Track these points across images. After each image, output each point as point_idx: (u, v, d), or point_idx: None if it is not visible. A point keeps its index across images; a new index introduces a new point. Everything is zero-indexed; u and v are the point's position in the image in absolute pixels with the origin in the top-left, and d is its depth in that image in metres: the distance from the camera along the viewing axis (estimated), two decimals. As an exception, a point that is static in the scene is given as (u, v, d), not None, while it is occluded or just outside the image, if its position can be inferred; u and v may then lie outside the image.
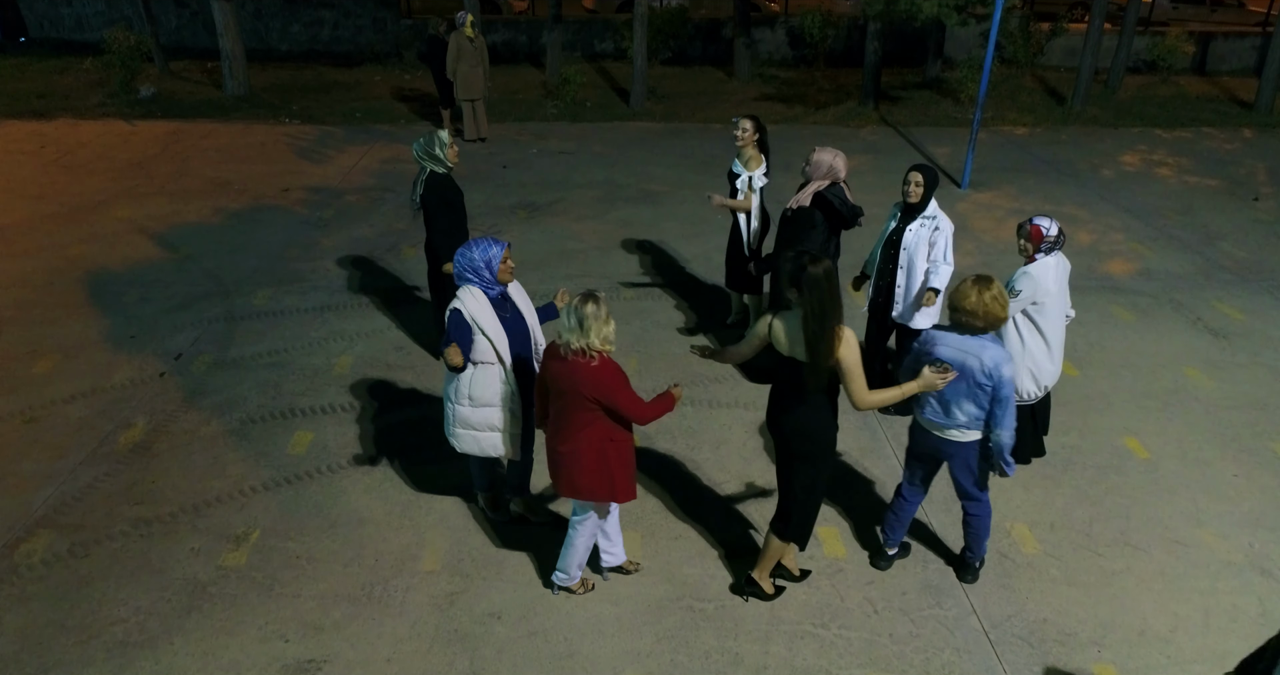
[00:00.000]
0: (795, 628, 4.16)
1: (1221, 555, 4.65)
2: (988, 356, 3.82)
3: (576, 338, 3.60)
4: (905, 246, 5.28)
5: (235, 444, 5.46)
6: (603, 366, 3.63)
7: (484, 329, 4.09)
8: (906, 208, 5.31)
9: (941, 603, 4.31)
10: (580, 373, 3.63)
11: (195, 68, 16.09)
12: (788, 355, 3.75)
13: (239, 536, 4.68)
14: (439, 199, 5.64)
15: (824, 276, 3.54)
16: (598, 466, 3.80)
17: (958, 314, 3.86)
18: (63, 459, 5.29)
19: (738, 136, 6.05)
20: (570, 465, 3.82)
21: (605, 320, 3.61)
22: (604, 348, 3.63)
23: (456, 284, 4.21)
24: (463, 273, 4.15)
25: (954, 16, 11.70)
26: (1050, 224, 4.61)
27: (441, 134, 5.64)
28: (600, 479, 3.82)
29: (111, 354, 6.47)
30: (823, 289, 3.54)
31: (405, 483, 5.12)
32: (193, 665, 3.92)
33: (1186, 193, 10.36)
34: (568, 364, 3.66)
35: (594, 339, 3.59)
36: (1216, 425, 5.78)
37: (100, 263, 8.00)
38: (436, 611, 4.22)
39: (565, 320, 3.61)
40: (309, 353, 6.53)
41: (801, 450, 3.87)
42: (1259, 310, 7.40)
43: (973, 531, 4.33)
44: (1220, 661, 3.99)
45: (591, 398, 3.65)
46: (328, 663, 3.94)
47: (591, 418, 3.72)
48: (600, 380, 3.62)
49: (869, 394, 3.68)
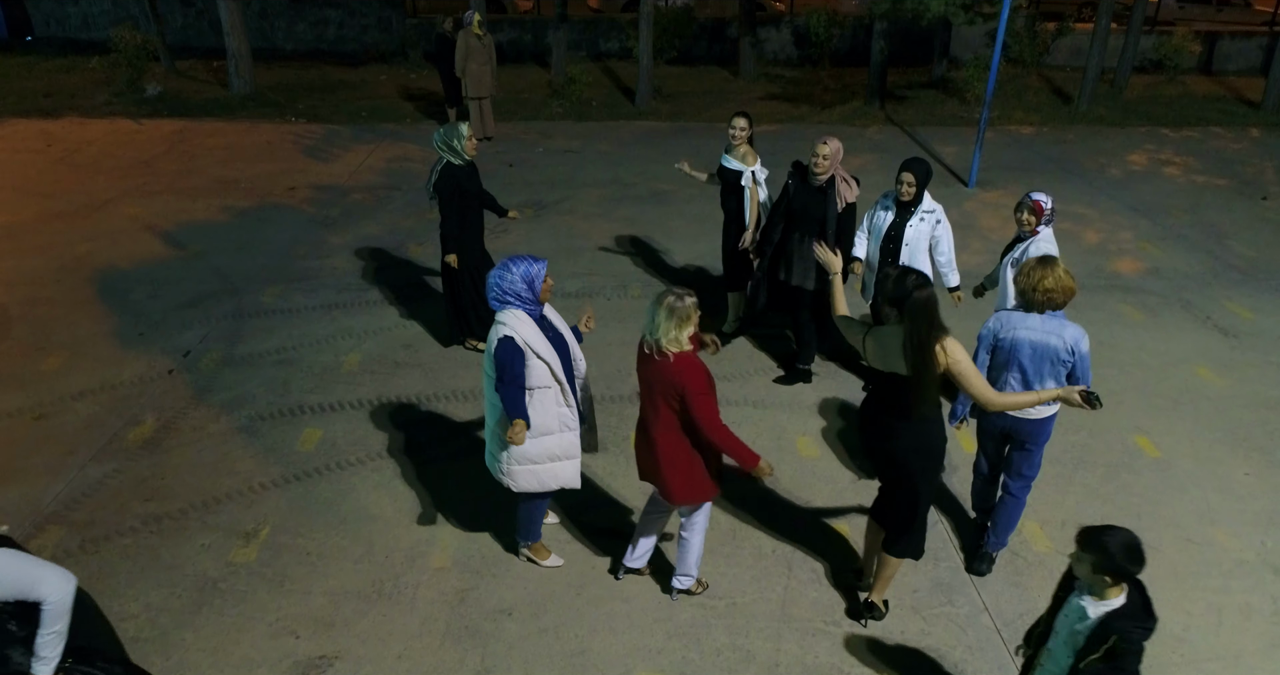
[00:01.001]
0: (807, 625, 4.15)
1: (1234, 553, 4.63)
2: (1069, 334, 3.95)
3: (659, 332, 3.61)
4: (907, 242, 5.28)
5: (244, 441, 5.46)
6: (680, 361, 3.61)
7: (539, 352, 3.83)
8: (901, 203, 5.30)
9: (953, 601, 4.30)
10: (665, 368, 3.63)
11: (201, 67, 16.10)
12: (886, 370, 3.67)
13: (249, 533, 4.68)
14: (451, 189, 5.73)
15: (926, 303, 3.49)
16: (691, 463, 3.78)
17: (1036, 295, 3.95)
18: (72, 455, 5.29)
19: (734, 135, 6.07)
20: (667, 464, 3.78)
21: (688, 317, 3.59)
22: (686, 346, 3.63)
23: (493, 304, 3.91)
24: (503, 295, 3.86)
25: (961, 15, 11.68)
26: (1047, 198, 4.80)
27: (462, 126, 5.75)
28: (697, 478, 3.82)
29: (120, 351, 6.48)
30: (925, 317, 3.49)
31: (415, 479, 5.12)
32: (204, 661, 3.91)
33: (1194, 192, 10.33)
34: (651, 360, 3.67)
35: (675, 335, 3.60)
36: (1228, 424, 5.76)
37: (108, 260, 8.01)
38: (447, 608, 4.21)
39: (650, 316, 3.62)
40: (317, 350, 6.53)
41: (916, 466, 3.76)
42: (1269, 309, 7.38)
43: (1008, 515, 4.38)
44: (1234, 660, 3.98)
45: (675, 391, 3.63)
46: (339, 659, 3.93)
47: (679, 411, 3.69)
48: (683, 375, 3.60)
49: (996, 396, 3.62)
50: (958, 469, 5.24)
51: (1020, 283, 4.02)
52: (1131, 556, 2.69)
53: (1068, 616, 2.87)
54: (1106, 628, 2.72)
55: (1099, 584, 2.74)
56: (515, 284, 3.84)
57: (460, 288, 6.19)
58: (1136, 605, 2.76)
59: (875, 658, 3.97)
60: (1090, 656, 2.75)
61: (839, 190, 5.49)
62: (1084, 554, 2.72)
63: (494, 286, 3.87)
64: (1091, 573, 2.71)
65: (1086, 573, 2.73)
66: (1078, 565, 2.76)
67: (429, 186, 5.89)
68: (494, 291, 3.88)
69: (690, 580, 4.22)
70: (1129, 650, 2.69)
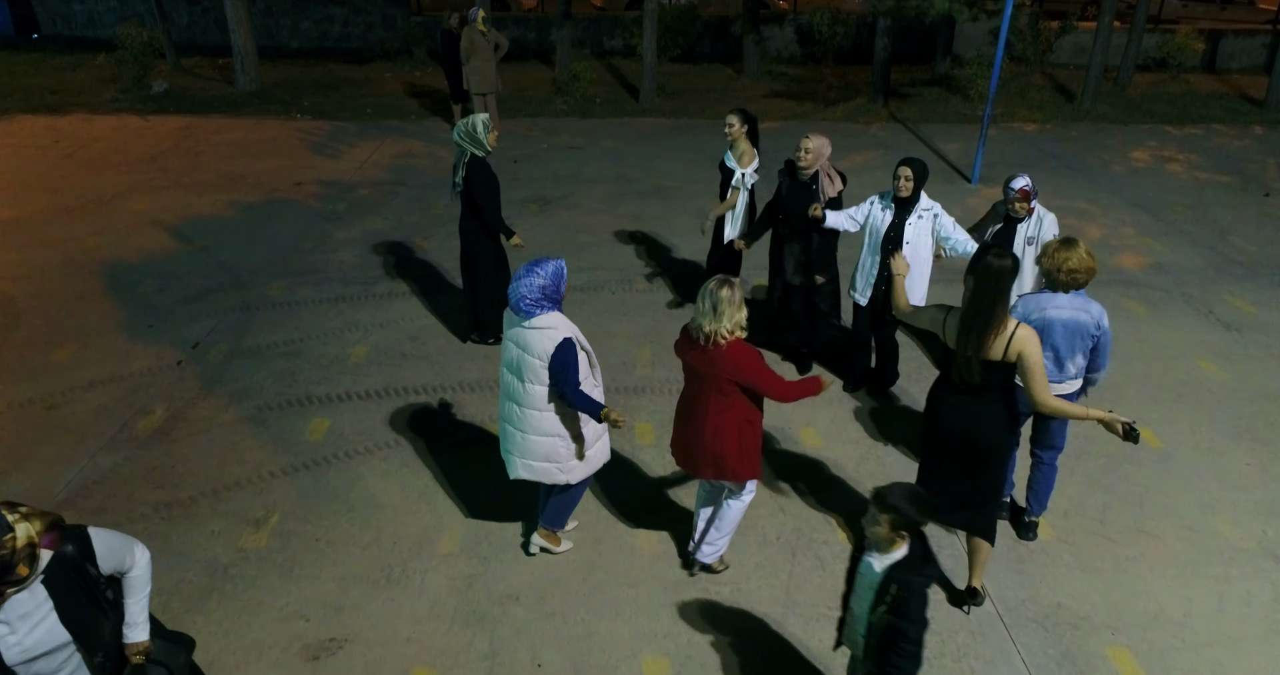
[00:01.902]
0: (810, 610, 4.19)
1: (1235, 542, 4.67)
2: (1094, 309, 4.14)
3: (709, 322, 3.66)
4: (909, 240, 5.32)
5: (253, 430, 5.51)
6: (737, 349, 3.69)
7: (584, 345, 3.93)
8: (900, 201, 5.34)
9: (956, 587, 4.33)
10: (718, 357, 3.69)
11: (206, 64, 16.17)
12: (945, 344, 3.75)
13: (258, 520, 4.73)
14: (480, 181, 5.81)
15: (998, 272, 3.57)
16: (738, 447, 3.85)
17: (1061, 276, 4.10)
18: (83, 444, 5.35)
19: (727, 132, 6.16)
20: (715, 447, 3.85)
21: (739, 306, 3.67)
22: (736, 333, 3.69)
23: (529, 310, 3.85)
24: (541, 300, 3.86)
25: (965, 12, 11.72)
26: (1024, 179, 5.04)
27: (484, 117, 5.80)
28: (741, 459, 3.88)
29: (129, 343, 6.53)
30: (994, 284, 3.56)
31: (422, 468, 5.17)
32: (216, 644, 3.96)
33: (1197, 188, 10.36)
34: (704, 351, 3.72)
35: (727, 323, 3.65)
36: (1229, 416, 5.80)
37: (116, 254, 8.07)
38: (455, 593, 4.26)
39: (701, 304, 3.68)
40: (324, 342, 6.58)
41: (991, 445, 3.82)
42: (1271, 303, 7.41)
43: (1045, 481, 4.56)
44: (1234, 646, 4.01)
45: (731, 380, 3.70)
46: (349, 642, 3.98)
47: (731, 401, 3.77)
48: (739, 362, 3.69)
49: (1052, 398, 3.70)
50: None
51: (1045, 264, 4.17)
52: (921, 506, 2.84)
53: (863, 576, 3.01)
54: (889, 579, 2.86)
55: (885, 540, 2.87)
56: (548, 285, 3.88)
57: (479, 279, 6.23)
58: (917, 555, 2.90)
59: (879, 642, 4.01)
60: (879, 608, 2.89)
61: (821, 185, 5.58)
62: (880, 516, 2.83)
63: (533, 290, 3.85)
64: (889, 532, 2.84)
65: (884, 533, 2.85)
66: (873, 528, 2.87)
67: (455, 182, 5.95)
68: (532, 295, 3.85)
69: (716, 555, 4.30)
70: (910, 597, 2.84)
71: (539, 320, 3.87)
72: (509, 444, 4.14)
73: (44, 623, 2.58)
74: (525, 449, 4.08)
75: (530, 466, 4.11)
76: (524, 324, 3.90)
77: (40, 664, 2.62)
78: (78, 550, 2.64)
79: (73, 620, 2.63)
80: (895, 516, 2.81)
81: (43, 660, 2.62)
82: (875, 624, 2.93)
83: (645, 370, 6.24)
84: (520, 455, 4.10)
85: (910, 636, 2.88)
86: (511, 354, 3.99)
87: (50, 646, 2.60)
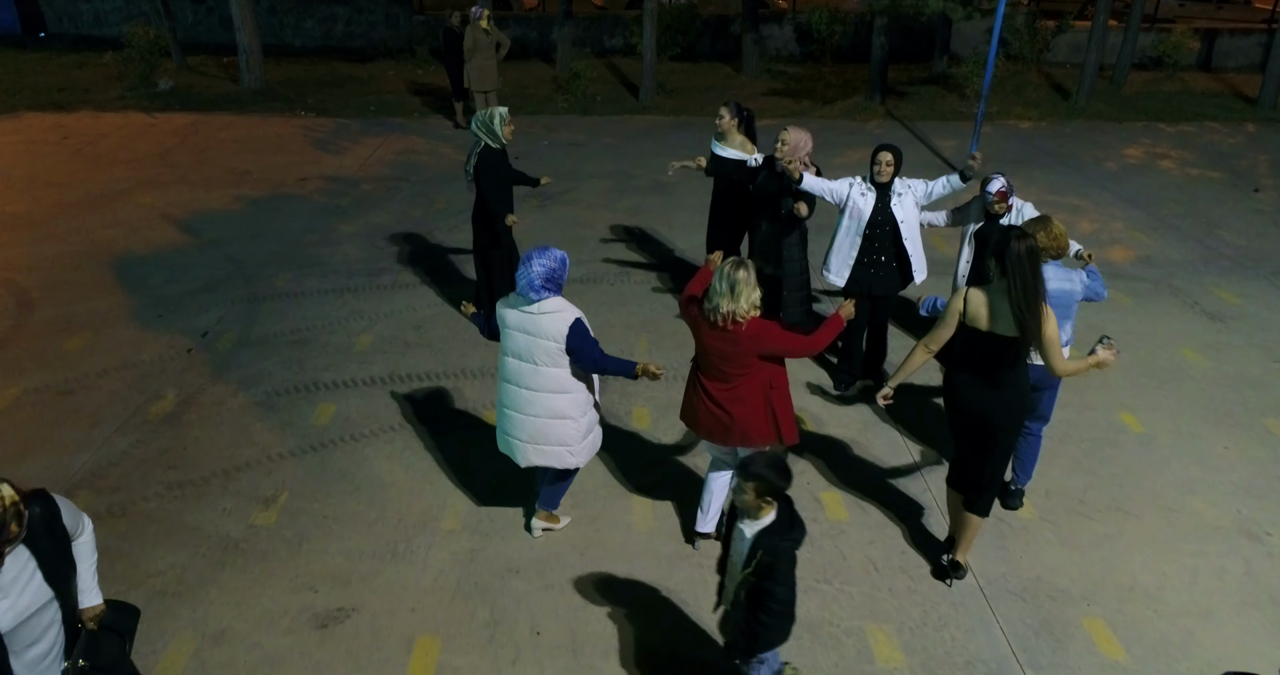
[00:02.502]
0: (799, 583, 4.29)
1: (1210, 520, 4.83)
2: (1075, 276, 4.45)
3: (727, 302, 3.81)
4: (902, 220, 5.47)
5: (262, 415, 5.69)
6: (756, 324, 3.86)
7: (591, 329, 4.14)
8: (879, 186, 5.49)
9: (940, 561, 4.50)
10: (740, 335, 3.86)
11: (212, 63, 16.35)
12: (987, 330, 3.87)
13: (268, 498, 4.91)
14: (484, 168, 6.00)
15: (1027, 254, 3.74)
16: (764, 412, 4.03)
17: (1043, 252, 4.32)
18: (98, 428, 5.52)
19: (718, 122, 6.40)
20: (742, 416, 4.02)
21: (754, 286, 3.83)
22: (752, 313, 3.85)
23: (535, 296, 3.99)
24: (546, 283, 3.99)
25: (959, 10, 11.88)
26: (1001, 180, 5.22)
27: (501, 110, 5.97)
28: (768, 423, 4.05)
29: (140, 332, 6.71)
30: (1025, 266, 3.73)
31: (425, 450, 5.34)
32: (228, 613, 4.14)
33: (1188, 184, 10.52)
34: (723, 331, 3.87)
35: (743, 304, 3.81)
36: (1210, 401, 5.96)
37: (126, 247, 8.24)
38: (457, 566, 4.43)
39: (717, 285, 3.83)
40: (330, 331, 6.76)
41: (1007, 422, 3.99)
42: (1256, 295, 7.57)
43: (1031, 451, 4.80)
44: (1206, 616, 4.18)
45: (748, 352, 3.88)
46: (355, 612, 4.15)
47: (752, 372, 3.95)
48: (760, 337, 3.87)
49: (1067, 364, 3.93)
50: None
51: None
52: (783, 473, 3.02)
53: (736, 542, 3.19)
54: (757, 544, 3.04)
55: (754, 507, 3.04)
56: (554, 269, 4.01)
57: (493, 264, 6.40)
58: (784, 520, 3.08)
59: (864, 611, 4.18)
60: (745, 572, 3.07)
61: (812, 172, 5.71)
62: (745, 484, 3.00)
63: (541, 274, 3.97)
64: (755, 498, 3.01)
65: (751, 500, 3.02)
66: (741, 497, 3.05)
67: (468, 168, 6.12)
68: (542, 278, 3.98)
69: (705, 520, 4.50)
70: (775, 562, 3.02)
71: (546, 305, 4.01)
72: (517, 431, 4.23)
73: (31, 583, 2.64)
74: (537, 434, 4.19)
75: (542, 451, 4.23)
76: (529, 310, 4.03)
77: (27, 628, 2.67)
78: (44, 509, 2.70)
79: (54, 576, 2.70)
80: (759, 484, 2.98)
81: (31, 622, 2.67)
82: (744, 585, 3.11)
83: (642, 357, 6.40)
84: (531, 441, 4.21)
85: (778, 598, 3.08)
86: (518, 342, 4.10)
87: (38, 605, 2.66)
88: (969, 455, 4.16)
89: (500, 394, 4.29)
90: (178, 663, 3.88)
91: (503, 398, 4.27)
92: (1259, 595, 4.31)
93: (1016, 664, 3.92)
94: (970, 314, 3.92)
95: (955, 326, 4.00)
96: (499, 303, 4.21)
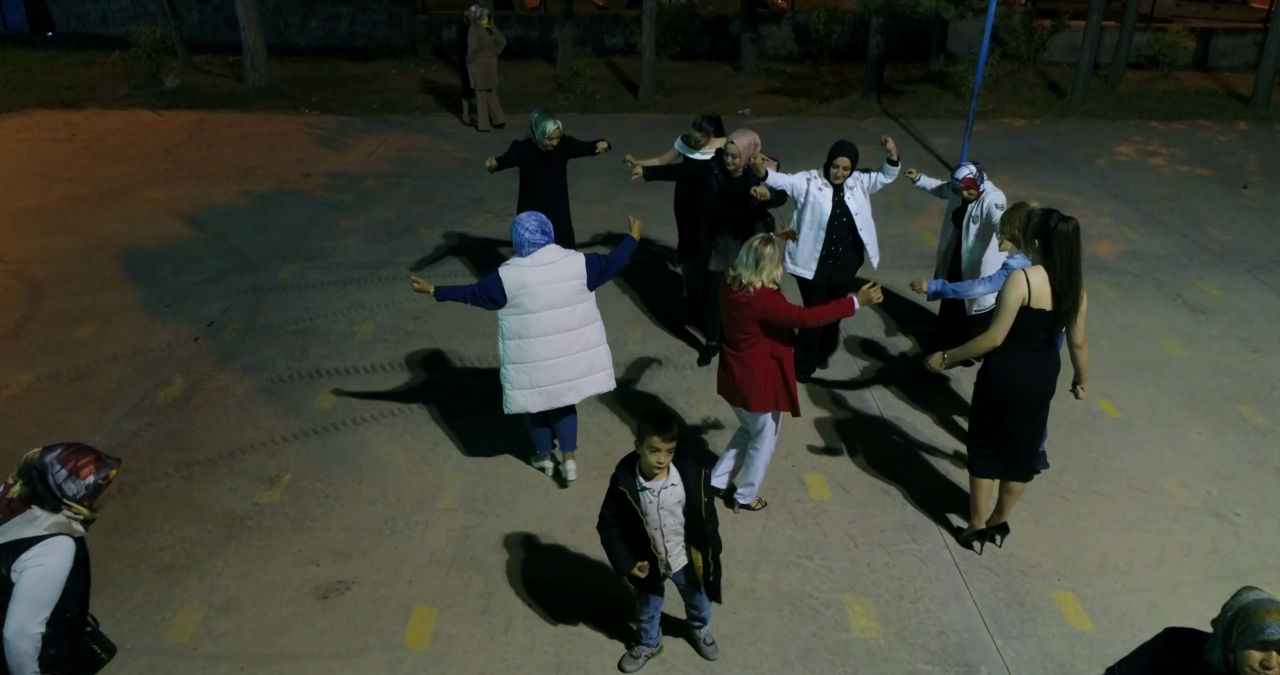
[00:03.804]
0: (782, 559, 4.54)
1: (1180, 501, 5.00)
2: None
3: (750, 274, 4.18)
4: (855, 211, 5.72)
5: (266, 400, 5.88)
6: (762, 293, 4.21)
7: None
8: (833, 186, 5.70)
9: (917, 539, 4.68)
10: (745, 300, 4.22)
11: (217, 61, 16.56)
12: (1035, 308, 4.04)
13: (272, 478, 5.10)
14: (513, 155, 6.50)
15: (1072, 233, 3.96)
16: (764, 379, 4.37)
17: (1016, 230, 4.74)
18: (108, 412, 5.72)
19: (696, 139, 6.61)
20: (743, 379, 4.40)
21: (777, 263, 4.21)
22: (769, 286, 4.20)
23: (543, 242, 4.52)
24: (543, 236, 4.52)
25: (951, 10, 12.04)
26: (969, 169, 5.50)
27: (555, 124, 6.37)
28: (768, 390, 4.40)
29: (148, 321, 6.90)
30: (1068, 246, 3.94)
31: (424, 434, 5.53)
32: (234, 585, 4.33)
33: (1178, 181, 10.67)
34: (736, 295, 4.25)
35: (764, 277, 4.18)
36: (1187, 390, 6.13)
37: (133, 240, 8.45)
38: (454, 542, 4.62)
39: (744, 257, 4.19)
40: (333, 321, 6.95)
41: (1052, 390, 4.23)
42: (1238, 288, 7.73)
43: None
44: (1171, 590, 4.35)
45: (758, 320, 4.24)
46: (356, 584, 4.34)
47: (756, 338, 4.31)
48: (764, 304, 4.20)
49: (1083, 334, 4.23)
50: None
51: (1007, 231, 4.74)
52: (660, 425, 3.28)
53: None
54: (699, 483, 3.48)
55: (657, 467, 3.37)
56: (542, 222, 4.54)
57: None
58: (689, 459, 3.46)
59: (842, 585, 4.36)
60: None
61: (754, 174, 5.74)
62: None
63: (537, 226, 4.49)
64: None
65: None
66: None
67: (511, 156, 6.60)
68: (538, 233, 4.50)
69: (752, 495, 4.80)
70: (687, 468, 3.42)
71: (552, 252, 4.52)
72: (569, 373, 4.66)
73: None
74: (588, 366, 4.73)
75: (593, 380, 4.78)
76: (546, 261, 4.49)
77: None
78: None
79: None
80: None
81: None
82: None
83: (635, 347, 6.59)
84: (584, 374, 4.73)
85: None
86: (550, 293, 4.50)
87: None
88: (1017, 433, 4.27)
89: (536, 351, 4.58)
90: (186, 630, 4.07)
91: (542, 352, 4.59)
92: (1224, 570, 4.49)
93: (987, 633, 4.10)
94: (1035, 295, 4.03)
95: (1016, 312, 4.06)
96: (509, 275, 4.47)
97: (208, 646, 3.99)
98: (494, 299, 4.50)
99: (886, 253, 8.01)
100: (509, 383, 4.67)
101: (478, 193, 9.91)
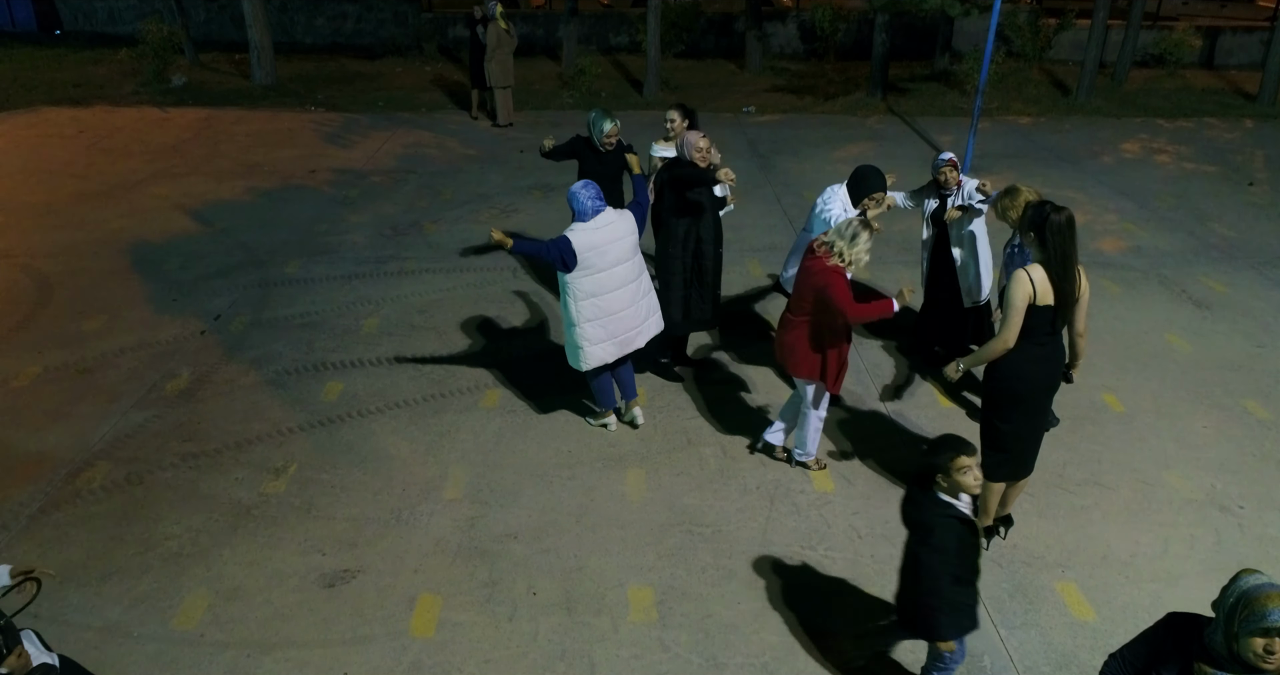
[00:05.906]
0: (785, 549, 4.55)
1: (1184, 494, 5.00)
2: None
3: (839, 241, 4.38)
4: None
5: (272, 392, 5.91)
6: (830, 269, 4.38)
7: None
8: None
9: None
10: (820, 269, 4.41)
11: (224, 59, 16.62)
12: (1040, 304, 4.02)
13: (278, 469, 5.13)
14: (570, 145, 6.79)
15: (1066, 224, 3.97)
16: (811, 348, 4.61)
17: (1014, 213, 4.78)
18: (116, 403, 5.75)
19: (669, 127, 6.46)
20: (790, 343, 4.66)
21: (866, 248, 4.40)
22: (848, 265, 4.39)
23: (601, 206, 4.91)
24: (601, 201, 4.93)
25: (957, 7, 12.06)
26: (950, 153, 5.65)
27: (613, 124, 6.45)
28: (813, 360, 4.63)
29: (155, 314, 6.94)
30: (1063, 236, 3.96)
31: (429, 426, 5.55)
32: (240, 573, 4.36)
33: (1183, 178, 10.66)
34: (814, 262, 4.45)
35: (849, 251, 4.37)
36: (1191, 384, 6.12)
37: (141, 235, 8.49)
38: (459, 532, 4.64)
39: (843, 229, 4.41)
40: (338, 315, 6.98)
41: (1057, 384, 4.27)
42: (1243, 284, 7.72)
43: None
44: (1174, 582, 4.36)
45: (815, 292, 4.43)
46: (361, 572, 4.37)
47: (809, 308, 4.53)
48: (827, 280, 4.36)
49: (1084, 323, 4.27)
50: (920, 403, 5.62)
51: (1009, 216, 4.79)
52: (932, 449, 3.32)
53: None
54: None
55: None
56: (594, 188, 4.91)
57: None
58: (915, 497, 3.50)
59: (846, 574, 4.38)
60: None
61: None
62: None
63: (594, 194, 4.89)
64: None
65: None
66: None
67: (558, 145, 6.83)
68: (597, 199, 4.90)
69: (809, 456, 5.05)
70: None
71: (610, 214, 4.92)
72: (637, 319, 5.10)
73: None
74: (651, 308, 5.22)
75: (651, 322, 5.25)
76: (607, 222, 4.88)
77: None
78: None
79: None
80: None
81: None
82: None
83: (640, 341, 6.61)
84: (649, 315, 5.21)
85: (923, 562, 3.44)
86: (618, 249, 4.89)
87: None
88: (1026, 432, 4.28)
89: (611, 305, 4.95)
90: (193, 617, 4.10)
91: (615, 305, 4.97)
92: (1227, 562, 4.49)
93: (991, 623, 4.11)
94: (1039, 292, 4.01)
95: (1023, 310, 4.02)
96: (579, 239, 4.80)
97: (214, 633, 4.01)
98: (565, 261, 4.78)
99: (890, 250, 8.03)
100: (586, 340, 4.99)
101: (483, 189, 9.94)
